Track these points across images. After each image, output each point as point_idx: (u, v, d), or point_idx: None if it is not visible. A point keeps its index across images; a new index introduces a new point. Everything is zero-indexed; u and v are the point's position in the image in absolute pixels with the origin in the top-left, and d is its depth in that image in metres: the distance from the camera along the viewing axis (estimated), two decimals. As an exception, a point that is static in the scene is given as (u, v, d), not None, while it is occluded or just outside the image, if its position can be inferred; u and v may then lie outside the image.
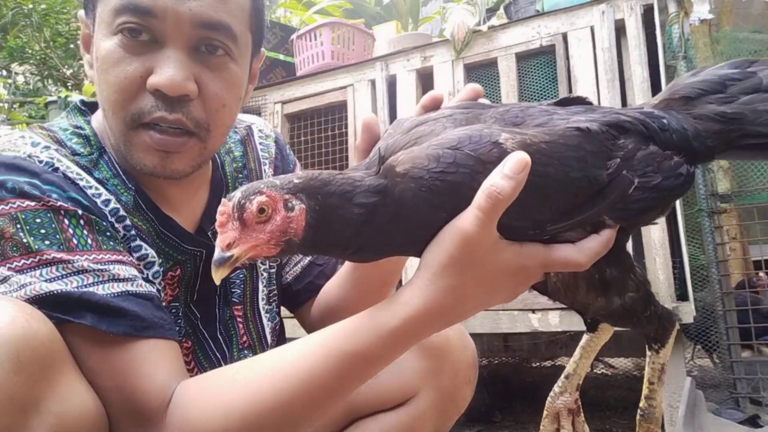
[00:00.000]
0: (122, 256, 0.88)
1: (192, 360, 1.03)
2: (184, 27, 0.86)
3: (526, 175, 0.65)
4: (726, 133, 0.77)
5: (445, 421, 1.11)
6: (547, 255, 0.71)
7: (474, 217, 0.66)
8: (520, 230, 0.70)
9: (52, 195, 0.84)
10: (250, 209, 0.65)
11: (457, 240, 0.68)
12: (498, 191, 0.65)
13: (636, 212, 0.73)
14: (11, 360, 0.67)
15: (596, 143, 0.72)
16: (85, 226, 0.85)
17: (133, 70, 0.86)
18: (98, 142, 0.97)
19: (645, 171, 0.73)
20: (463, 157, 0.68)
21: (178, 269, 1.01)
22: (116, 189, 0.94)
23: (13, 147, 0.89)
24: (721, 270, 2.37)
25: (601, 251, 0.72)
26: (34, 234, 0.81)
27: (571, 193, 0.70)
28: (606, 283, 0.75)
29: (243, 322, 1.11)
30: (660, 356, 0.85)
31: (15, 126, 6.43)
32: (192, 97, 0.89)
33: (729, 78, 0.79)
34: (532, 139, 0.69)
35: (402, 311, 0.71)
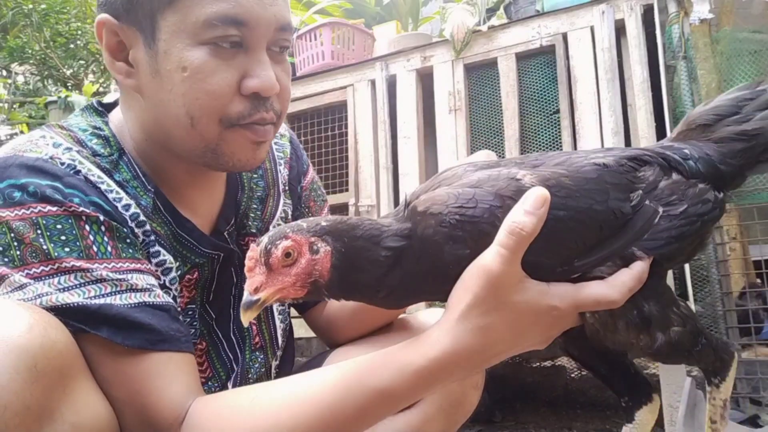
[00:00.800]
0: (141, 265, 0.87)
1: (205, 361, 1.03)
2: (269, 32, 0.90)
3: (547, 209, 0.66)
4: (750, 149, 0.78)
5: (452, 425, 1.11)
6: (577, 293, 0.69)
7: (497, 254, 0.66)
8: (548, 268, 0.69)
9: (74, 200, 0.84)
10: (276, 254, 0.69)
11: (481, 278, 0.67)
12: (520, 227, 0.65)
13: (666, 242, 0.72)
14: (29, 369, 0.66)
15: (616, 176, 0.73)
16: (106, 233, 0.85)
17: (230, 77, 0.88)
18: (117, 143, 0.96)
19: (669, 200, 0.73)
20: (481, 193, 0.69)
21: (195, 272, 1.01)
22: (136, 192, 0.94)
23: (34, 147, 0.87)
24: (721, 270, 2.37)
25: (633, 285, 0.70)
26: (54, 240, 0.81)
27: (597, 227, 0.70)
28: (646, 320, 0.73)
29: (256, 324, 1.12)
30: (721, 391, 0.81)
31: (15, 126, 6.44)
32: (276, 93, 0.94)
33: (741, 99, 0.82)
34: (552, 174, 0.70)
35: (429, 352, 0.70)
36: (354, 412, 0.74)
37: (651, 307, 0.73)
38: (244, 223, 1.11)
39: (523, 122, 2.58)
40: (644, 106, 2.29)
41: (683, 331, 0.74)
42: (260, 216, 1.14)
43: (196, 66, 0.86)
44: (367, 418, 0.75)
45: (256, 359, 1.11)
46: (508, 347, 0.72)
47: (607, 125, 2.35)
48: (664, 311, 0.74)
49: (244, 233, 1.11)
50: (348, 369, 0.77)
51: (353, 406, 0.74)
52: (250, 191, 1.12)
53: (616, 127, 2.33)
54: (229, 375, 1.06)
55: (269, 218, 1.15)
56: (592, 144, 2.37)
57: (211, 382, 1.03)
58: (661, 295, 0.75)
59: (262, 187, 1.15)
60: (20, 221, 0.80)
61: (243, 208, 1.10)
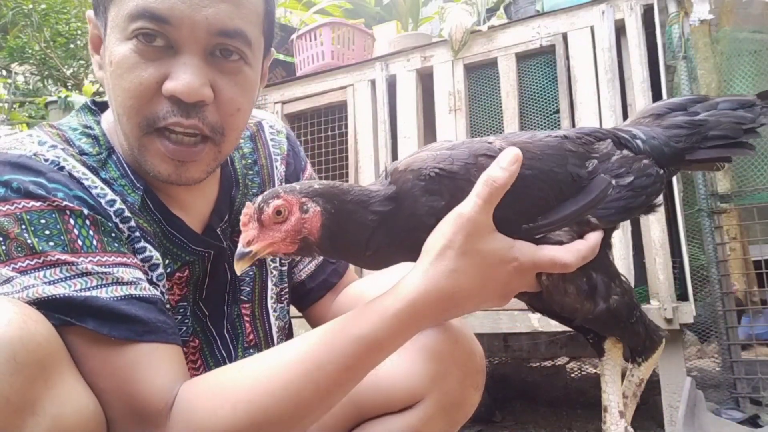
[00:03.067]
0: (126, 258, 0.87)
1: (199, 359, 1.03)
2: (200, 35, 0.86)
3: (518, 167, 0.74)
4: (692, 135, 0.90)
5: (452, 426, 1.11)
6: (537, 250, 0.77)
7: (473, 203, 0.73)
8: (515, 224, 0.77)
9: (57, 194, 0.84)
10: (267, 212, 0.75)
11: (456, 224, 0.74)
12: (494, 180, 0.73)
13: (616, 211, 0.82)
14: (8, 361, 0.67)
15: (574, 145, 0.83)
16: (91, 227, 0.85)
17: (148, 76, 0.86)
18: (107, 142, 0.96)
19: (619, 172, 0.83)
20: (457, 153, 0.79)
21: (186, 270, 1.01)
22: (123, 189, 0.94)
23: (19, 145, 0.88)
24: (721, 270, 2.37)
25: (587, 254, 0.78)
26: (38, 235, 0.81)
27: (557, 188, 0.79)
28: (593, 287, 0.82)
29: (250, 321, 1.11)
30: (641, 370, 0.90)
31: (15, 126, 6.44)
32: (207, 102, 0.89)
33: (690, 101, 0.95)
34: (518, 141, 0.80)
35: (403, 293, 0.75)
36: (340, 364, 0.76)
37: (598, 277, 0.82)
38: (238, 220, 1.10)
39: (523, 122, 2.58)
40: (644, 106, 2.28)
41: (621, 301, 0.83)
42: None
43: (117, 61, 0.86)
44: (355, 368, 0.78)
45: (250, 356, 1.11)
46: (474, 294, 0.77)
47: (607, 125, 2.35)
48: (608, 281, 0.83)
49: (239, 230, 1.10)
50: (330, 325, 0.80)
51: (339, 358, 0.76)
52: (245, 188, 1.12)
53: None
54: None
55: None
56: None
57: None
58: (607, 267, 0.84)
59: (257, 183, 1.15)
60: (4, 217, 0.81)
61: (237, 205, 1.09)
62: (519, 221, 0.77)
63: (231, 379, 0.82)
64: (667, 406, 2.18)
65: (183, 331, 1.00)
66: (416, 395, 1.05)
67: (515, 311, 2.37)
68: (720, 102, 0.93)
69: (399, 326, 0.75)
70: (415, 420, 1.04)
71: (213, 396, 0.80)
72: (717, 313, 2.36)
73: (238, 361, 0.87)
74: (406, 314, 0.74)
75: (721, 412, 2.20)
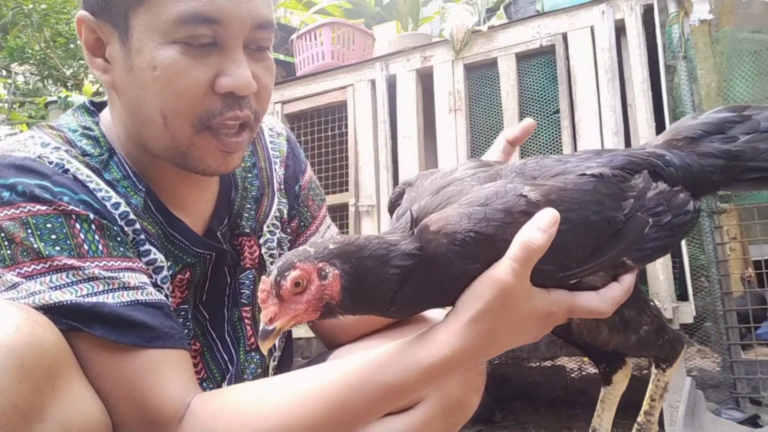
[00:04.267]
0: (132, 263, 0.87)
1: (200, 362, 1.03)
2: (245, 30, 0.88)
3: (557, 228, 0.70)
4: (729, 168, 0.83)
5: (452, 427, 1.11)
6: (572, 302, 0.75)
7: (510, 267, 0.70)
8: (549, 274, 0.74)
9: (63, 198, 0.83)
10: (285, 286, 0.71)
11: (494, 289, 0.71)
12: (532, 243, 0.69)
13: (652, 252, 0.78)
14: (16, 368, 0.66)
15: (610, 186, 0.77)
16: (96, 231, 0.85)
17: (202, 76, 0.86)
18: (108, 143, 0.96)
19: (656, 210, 0.78)
20: (492, 211, 0.73)
21: (187, 272, 1.00)
22: (126, 191, 0.93)
23: (22, 147, 0.87)
24: (721, 270, 2.37)
25: (622, 299, 0.76)
26: (45, 239, 0.81)
27: (593, 235, 0.75)
28: (624, 323, 0.81)
29: (251, 324, 1.11)
30: (666, 375, 0.90)
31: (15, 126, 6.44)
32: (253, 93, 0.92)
33: (728, 120, 0.86)
34: (552, 188, 0.75)
35: (439, 351, 0.74)
36: (363, 407, 0.76)
37: (630, 312, 0.81)
38: (237, 223, 1.10)
39: (523, 122, 2.57)
40: (644, 106, 2.29)
41: (651, 330, 0.83)
42: (254, 216, 1.13)
43: (166, 65, 0.85)
44: (375, 412, 0.78)
45: (251, 360, 1.10)
46: (507, 344, 0.77)
47: (607, 125, 2.35)
48: (639, 314, 0.82)
49: (238, 233, 1.10)
50: (359, 365, 0.79)
51: (363, 401, 0.76)
52: (244, 191, 1.11)
53: (616, 127, 2.33)
54: (224, 376, 1.05)
55: (264, 218, 1.14)
56: (592, 144, 2.37)
57: (206, 383, 1.03)
58: (637, 300, 0.81)
59: (256, 186, 1.14)
60: (10, 221, 0.80)
61: (237, 208, 1.09)
62: (554, 272, 0.74)
63: (249, 402, 0.81)
64: (667, 406, 2.17)
65: (185, 334, 0.99)
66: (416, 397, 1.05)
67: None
68: (761, 120, 0.85)
69: (428, 379, 0.75)
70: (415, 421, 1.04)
71: (228, 417, 0.80)
72: (717, 313, 2.36)
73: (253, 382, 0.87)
74: (437, 369, 0.74)
75: (721, 412, 2.20)
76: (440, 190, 0.81)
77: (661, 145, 0.88)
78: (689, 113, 2.37)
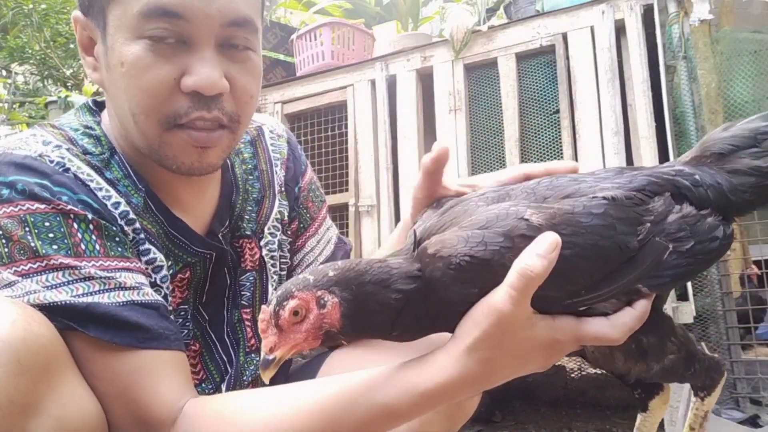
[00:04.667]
0: (129, 263, 0.87)
1: (199, 363, 1.03)
2: (214, 27, 0.86)
3: (558, 254, 0.66)
4: (764, 186, 0.76)
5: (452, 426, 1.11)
6: (579, 329, 0.71)
7: (507, 295, 0.67)
8: (554, 300, 0.70)
9: (62, 197, 0.83)
10: (284, 316, 0.70)
11: (491, 317, 0.69)
12: (530, 270, 0.66)
13: (671, 279, 0.72)
14: (12, 362, 0.67)
15: (623, 210, 0.72)
16: (94, 231, 0.85)
17: (166, 74, 0.85)
18: (109, 142, 0.96)
19: (678, 236, 0.72)
20: (491, 235, 0.70)
21: (187, 272, 1.00)
22: (127, 190, 0.93)
23: (23, 145, 0.87)
24: (721, 270, 2.37)
25: (634, 326, 0.71)
26: (42, 238, 0.81)
27: (602, 262, 0.70)
28: (643, 351, 0.75)
29: (251, 325, 1.11)
30: (705, 404, 0.83)
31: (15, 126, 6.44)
32: (224, 93, 0.89)
33: (761, 132, 0.79)
34: (558, 211, 0.71)
35: (437, 376, 0.72)
36: (356, 426, 0.75)
37: (649, 339, 0.74)
38: (238, 225, 1.10)
39: (523, 122, 2.58)
40: (644, 106, 2.29)
41: (677, 358, 0.76)
42: (255, 218, 1.13)
43: (131, 61, 0.85)
44: (368, 430, 0.76)
45: (251, 362, 1.10)
46: (510, 374, 0.74)
47: (607, 125, 2.35)
48: (661, 342, 0.75)
49: (239, 235, 1.10)
50: (354, 382, 0.77)
51: (357, 420, 0.75)
52: (245, 193, 1.11)
53: (616, 127, 2.33)
54: (222, 377, 1.05)
55: (264, 220, 1.14)
56: (592, 144, 2.37)
57: (204, 384, 1.03)
58: (659, 326, 0.75)
59: (258, 188, 1.14)
60: (8, 218, 0.80)
61: (238, 210, 1.09)
62: (558, 298, 0.70)
63: (242, 411, 0.80)
64: (667, 406, 2.18)
65: (184, 334, 1.00)
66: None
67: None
68: None
69: (425, 404, 0.74)
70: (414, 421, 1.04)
71: (221, 424, 0.79)
72: (717, 313, 2.36)
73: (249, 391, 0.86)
74: (433, 395, 0.72)
75: (721, 412, 2.20)
76: (448, 210, 0.79)
77: (689, 162, 0.82)
78: (689, 113, 2.37)
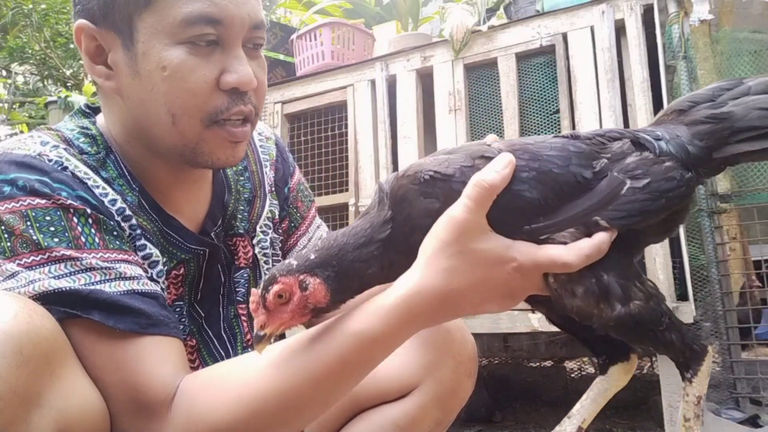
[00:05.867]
0: (128, 255, 0.90)
1: (197, 358, 1.05)
2: (244, 29, 0.93)
3: (511, 170, 0.75)
4: (717, 131, 0.81)
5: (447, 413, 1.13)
6: (536, 250, 0.75)
7: (462, 204, 0.74)
8: (514, 226, 0.76)
9: (61, 193, 0.86)
10: (269, 299, 0.77)
11: (448, 226, 0.75)
12: (485, 181, 0.74)
13: (627, 213, 0.76)
14: (14, 354, 0.68)
15: (581, 146, 0.79)
16: (93, 225, 0.87)
17: (209, 74, 0.91)
18: (104, 142, 0.99)
19: (635, 174, 0.78)
20: (454, 157, 0.79)
21: (181, 268, 1.03)
22: (122, 188, 0.96)
23: (23, 145, 0.90)
24: (721, 270, 2.37)
25: (591, 253, 0.74)
26: (43, 231, 0.83)
27: (557, 188, 0.77)
28: (604, 289, 0.76)
29: (247, 321, 1.13)
30: (694, 386, 0.80)
31: (15, 126, 6.44)
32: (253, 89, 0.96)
33: (719, 89, 0.85)
34: (518, 141, 0.80)
35: (398, 291, 0.77)
36: (338, 359, 0.78)
37: (610, 278, 0.76)
38: (231, 224, 1.13)
39: (523, 122, 2.58)
40: (644, 106, 2.29)
41: (645, 306, 0.77)
42: (247, 217, 1.16)
43: (176, 65, 0.90)
44: (353, 363, 0.79)
45: None
46: (473, 294, 0.77)
47: (607, 125, 2.35)
48: (625, 284, 0.77)
49: (232, 234, 1.13)
50: (328, 322, 0.82)
51: (336, 353, 0.78)
52: (237, 193, 1.14)
53: (616, 127, 2.33)
54: None
55: (256, 219, 1.17)
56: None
57: None
58: (622, 268, 0.78)
59: (248, 188, 1.17)
60: (10, 214, 0.83)
61: (231, 210, 1.12)
62: (518, 223, 0.76)
63: (232, 373, 0.84)
64: (667, 406, 2.18)
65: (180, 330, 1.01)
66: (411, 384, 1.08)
67: (515, 311, 2.37)
68: (753, 85, 0.82)
69: (394, 323, 0.76)
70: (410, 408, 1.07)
71: (214, 389, 0.82)
72: (717, 313, 2.36)
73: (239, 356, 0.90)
74: (401, 311, 0.76)
75: (721, 412, 2.20)
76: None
77: (653, 123, 0.90)
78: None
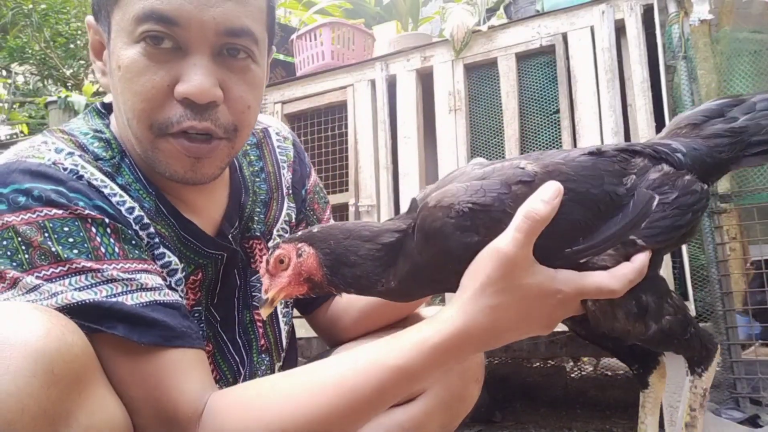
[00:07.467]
0: (148, 265, 0.87)
1: (212, 363, 1.03)
2: (208, 35, 0.85)
3: (560, 201, 0.72)
4: (735, 144, 0.86)
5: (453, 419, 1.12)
6: (581, 279, 0.74)
7: (512, 238, 0.70)
8: (555, 250, 0.75)
9: (78, 203, 0.83)
10: (271, 263, 0.83)
11: (495, 261, 0.71)
12: (535, 213, 0.70)
13: (662, 230, 0.78)
14: (46, 373, 0.66)
15: (609, 164, 0.80)
16: (112, 235, 0.85)
17: (159, 79, 0.85)
18: (119, 146, 0.96)
19: (662, 189, 0.80)
20: (489, 184, 0.75)
21: (199, 273, 1.01)
22: (139, 194, 0.94)
23: (36, 153, 0.87)
24: (721, 270, 2.37)
25: (634, 278, 0.74)
26: (62, 243, 0.80)
27: (595, 208, 0.76)
28: (642, 309, 0.78)
29: (262, 326, 1.12)
30: (703, 380, 0.86)
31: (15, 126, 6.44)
32: (219, 103, 0.88)
33: (725, 105, 0.90)
34: (551, 163, 0.78)
35: (444, 329, 0.74)
36: (374, 391, 0.76)
37: (648, 298, 0.78)
38: (248, 226, 1.11)
39: (523, 122, 2.58)
40: (644, 106, 2.29)
41: (674, 320, 0.80)
42: (264, 219, 1.14)
43: (126, 65, 0.85)
44: (386, 396, 0.78)
45: (262, 362, 1.11)
46: (515, 327, 0.75)
47: (607, 125, 2.35)
48: (659, 302, 0.79)
49: (249, 236, 1.11)
50: (366, 351, 0.80)
51: (373, 386, 0.76)
52: (253, 194, 1.12)
53: (616, 127, 2.33)
54: (236, 377, 1.06)
55: (273, 222, 1.15)
56: (592, 144, 2.37)
57: (218, 384, 1.03)
58: (656, 285, 0.80)
59: (264, 190, 1.15)
60: (27, 225, 0.80)
61: (248, 211, 1.10)
62: (559, 246, 0.75)
63: (263, 395, 0.82)
64: (667, 406, 2.17)
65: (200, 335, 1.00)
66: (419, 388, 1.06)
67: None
68: (757, 101, 0.89)
69: (436, 359, 0.75)
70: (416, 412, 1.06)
71: (244, 410, 0.80)
72: (717, 313, 2.35)
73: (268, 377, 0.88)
74: (444, 348, 0.74)
75: (721, 412, 2.20)
76: (446, 178, 0.85)
77: (664, 137, 0.91)
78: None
